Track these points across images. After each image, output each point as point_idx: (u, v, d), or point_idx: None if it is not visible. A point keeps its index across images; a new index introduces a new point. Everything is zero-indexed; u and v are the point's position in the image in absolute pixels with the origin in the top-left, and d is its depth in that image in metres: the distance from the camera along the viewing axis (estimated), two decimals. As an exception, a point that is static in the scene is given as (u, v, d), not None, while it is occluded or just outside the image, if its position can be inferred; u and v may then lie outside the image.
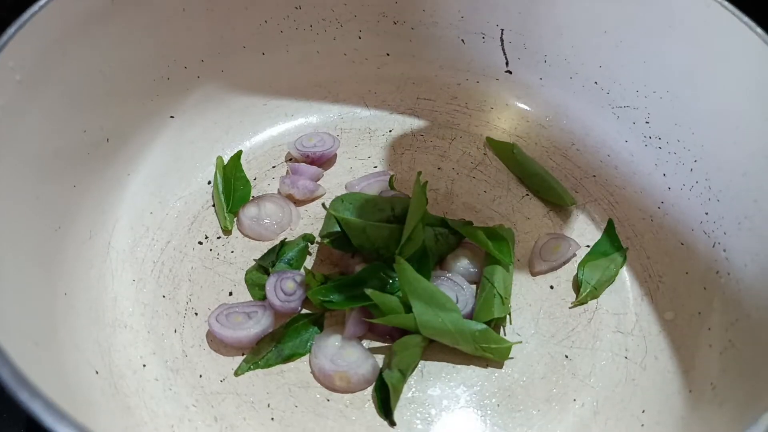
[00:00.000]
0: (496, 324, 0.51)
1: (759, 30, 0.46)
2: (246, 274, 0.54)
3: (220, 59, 0.61)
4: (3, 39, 0.41)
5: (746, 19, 0.47)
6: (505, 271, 0.53)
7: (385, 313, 0.48)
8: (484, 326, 0.49)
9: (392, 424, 0.47)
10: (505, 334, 0.52)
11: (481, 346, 0.49)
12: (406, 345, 0.49)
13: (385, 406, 0.47)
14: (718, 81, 0.50)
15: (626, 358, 0.51)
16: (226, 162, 0.61)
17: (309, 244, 0.56)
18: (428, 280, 0.51)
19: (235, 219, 0.57)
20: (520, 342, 0.50)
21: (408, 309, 0.48)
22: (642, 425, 0.47)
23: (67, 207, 0.49)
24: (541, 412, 0.48)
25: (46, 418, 0.28)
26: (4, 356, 0.30)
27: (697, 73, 0.52)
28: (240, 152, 0.62)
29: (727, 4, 0.48)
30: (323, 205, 0.53)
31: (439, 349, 0.50)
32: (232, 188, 0.59)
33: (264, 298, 0.51)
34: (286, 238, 0.56)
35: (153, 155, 0.59)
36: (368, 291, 0.48)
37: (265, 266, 0.54)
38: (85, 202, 0.52)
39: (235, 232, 0.57)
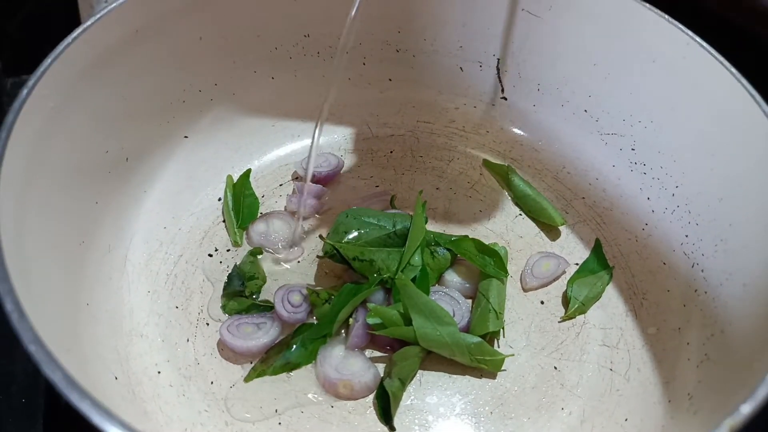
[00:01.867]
0: (491, 337, 0.55)
1: (733, 69, 0.50)
2: (224, 309, 0.55)
3: (232, 83, 0.64)
4: (40, 69, 0.44)
5: (720, 57, 0.51)
6: (499, 286, 0.56)
7: (386, 326, 0.52)
8: (479, 339, 0.52)
9: (392, 429, 0.50)
10: (498, 347, 0.55)
11: (476, 358, 0.52)
12: (405, 355, 0.52)
13: (385, 412, 0.50)
14: (695, 112, 0.54)
15: (611, 370, 0.54)
16: (235, 180, 0.64)
17: (258, 257, 0.58)
18: (427, 296, 0.54)
19: (245, 234, 0.61)
20: (513, 355, 0.54)
21: (408, 322, 0.52)
22: (625, 433, 0.50)
23: (89, 222, 0.53)
24: (531, 420, 0.51)
25: (95, 416, 0.31)
26: (55, 361, 0.33)
27: (677, 105, 0.56)
28: (249, 171, 0.65)
29: (704, 43, 0.52)
30: (320, 236, 0.56)
31: (436, 360, 0.53)
32: (242, 205, 0.63)
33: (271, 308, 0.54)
34: (236, 263, 0.58)
35: (167, 173, 0.62)
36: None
37: (238, 291, 0.56)
38: (105, 218, 0.55)
39: (245, 246, 0.60)
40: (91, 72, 0.50)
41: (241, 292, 0.56)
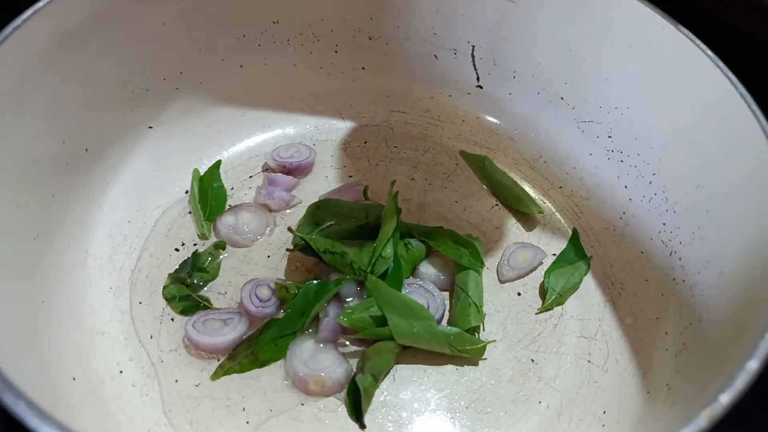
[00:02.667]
0: (470, 330, 0.53)
1: (710, 52, 0.49)
2: (163, 290, 0.54)
3: (199, 71, 0.62)
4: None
5: (698, 41, 0.50)
6: (477, 278, 0.55)
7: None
8: (458, 330, 0.51)
9: (362, 426, 0.48)
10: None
11: (457, 348, 0.51)
12: (379, 350, 0.50)
13: (356, 409, 0.49)
14: (672, 98, 0.53)
15: (589, 361, 0.53)
16: (203, 173, 0.62)
17: (222, 250, 0.57)
18: (400, 289, 0.53)
19: (213, 227, 0.59)
20: (495, 341, 0.52)
21: (381, 320, 0.50)
22: (603, 425, 0.49)
23: (46, 216, 0.50)
24: (507, 414, 0.50)
25: (31, 419, 0.29)
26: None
27: (654, 91, 0.55)
28: (219, 162, 0.63)
29: (681, 27, 0.51)
30: (289, 228, 0.54)
31: (411, 353, 0.52)
32: (209, 197, 0.61)
33: (190, 309, 0.53)
34: (197, 249, 0.57)
35: (132, 165, 0.60)
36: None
37: (182, 278, 0.55)
38: (64, 211, 0.53)
39: (212, 240, 0.58)
40: (45, 57, 0.48)
41: (184, 280, 0.54)
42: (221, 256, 0.57)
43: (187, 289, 0.54)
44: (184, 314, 0.53)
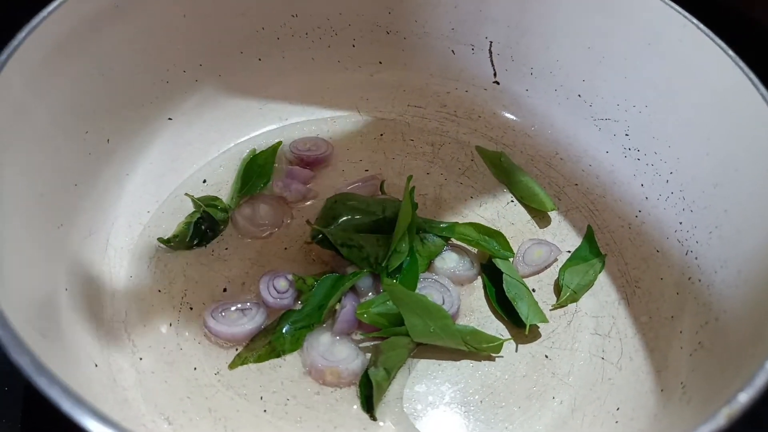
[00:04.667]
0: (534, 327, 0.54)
1: (730, 52, 0.49)
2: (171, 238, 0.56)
3: (218, 64, 0.63)
4: (14, 43, 0.43)
5: (718, 39, 0.50)
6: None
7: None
8: (473, 328, 0.51)
9: (374, 419, 0.49)
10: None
11: (473, 346, 0.51)
12: (393, 345, 0.51)
13: (368, 401, 0.49)
14: (691, 97, 0.53)
15: (603, 358, 0.53)
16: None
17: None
18: (416, 284, 0.53)
19: (230, 218, 0.59)
20: (510, 339, 0.53)
21: (398, 318, 0.51)
22: (616, 422, 0.49)
23: (69, 205, 0.51)
24: (521, 409, 0.50)
25: (64, 403, 0.29)
26: (23, 346, 0.31)
27: (673, 89, 0.54)
28: (279, 143, 0.64)
29: (701, 25, 0.51)
30: (308, 221, 0.55)
31: (426, 348, 0.52)
32: (254, 174, 0.62)
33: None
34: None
35: (151, 155, 0.60)
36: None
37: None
38: (85, 201, 0.53)
39: (230, 229, 0.59)
40: (67, 49, 0.48)
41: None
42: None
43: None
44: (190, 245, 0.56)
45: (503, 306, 0.54)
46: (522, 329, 0.53)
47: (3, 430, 0.49)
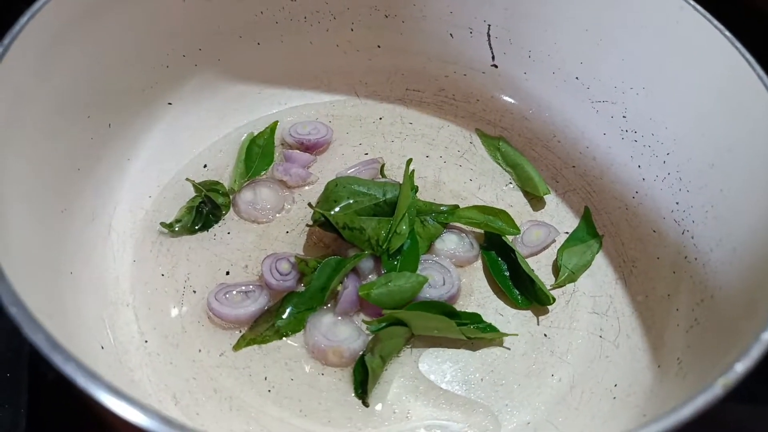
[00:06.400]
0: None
1: (727, 33, 0.49)
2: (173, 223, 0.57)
3: (217, 48, 0.63)
4: (16, 28, 0.43)
5: (715, 21, 0.50)
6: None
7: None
8: (473, 323, 0.52)
9: (366, 405, 0.49)
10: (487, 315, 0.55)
11: (474, 337, 0.52)
12: (391, 335, 0.51)
13: (362, 387, 0.50)
14: (688, 78, 0.54)
15: (601, 336, 0.54)
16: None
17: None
18: (417, 265, 0.54)
19: (232, 203, 0.60)
20: (517, 335, 0.53)
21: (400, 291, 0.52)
22: (614, 398, 0.50)
23: (72, 189, 0.51)
24: (521, 386, 0.51)
25: (79, 378, 0.30)
26: (36, 323, 0.32)
27: (670, 71, 0.55)
28: (276, 123, 0.65)
29: (698, 7, 0.51)
30: (309, 204, 0.55)
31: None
32: (255, 156, 0.62)
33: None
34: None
35: (151, 140, 0.60)
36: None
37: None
38: (87, 185, 0.54)
39: (231, 214, 0.59)
40: (69, 33, 0.48)
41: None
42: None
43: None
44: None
45: (516, 282, 0.55)
46: (522, 308, 0.54)
47: (7, 416, 0.50)
